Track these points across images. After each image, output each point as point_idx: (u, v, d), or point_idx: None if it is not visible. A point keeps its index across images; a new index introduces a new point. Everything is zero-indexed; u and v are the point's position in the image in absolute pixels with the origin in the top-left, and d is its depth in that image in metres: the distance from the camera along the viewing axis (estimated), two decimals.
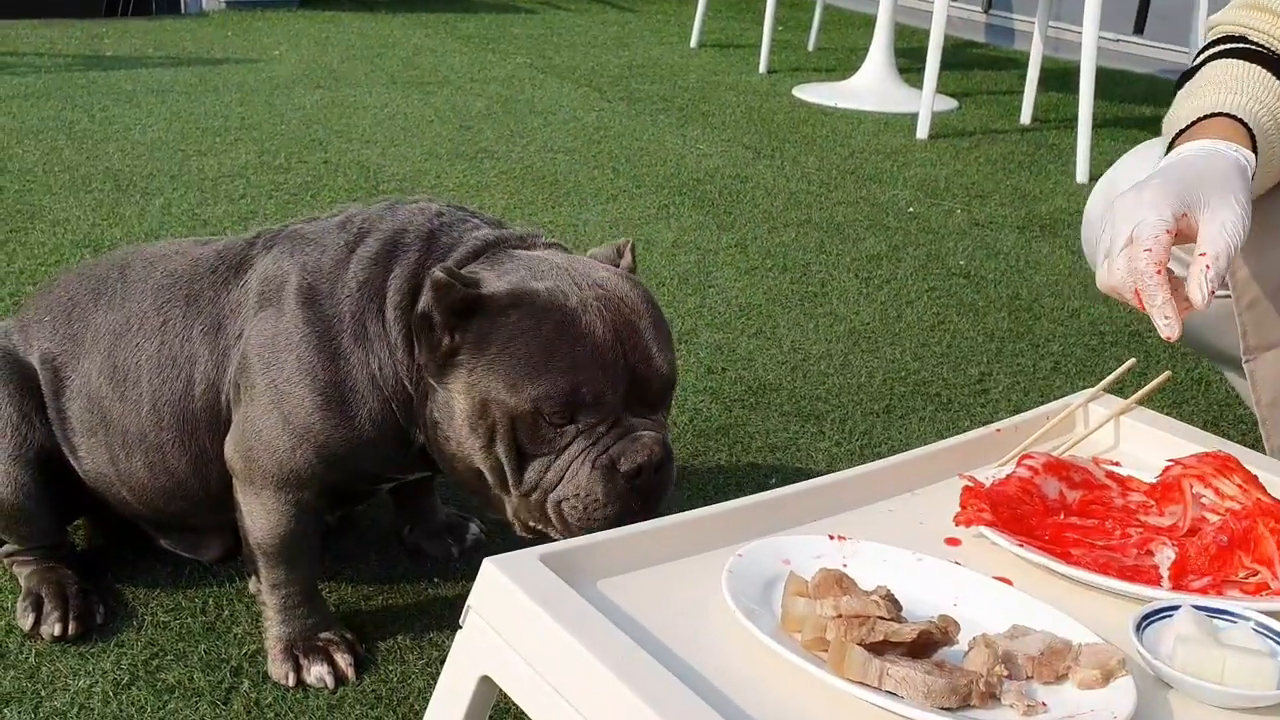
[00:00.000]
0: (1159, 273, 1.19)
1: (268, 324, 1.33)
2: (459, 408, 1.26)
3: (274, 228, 1.44)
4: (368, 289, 1.32)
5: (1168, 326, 1.18)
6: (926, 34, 4.10)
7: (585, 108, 4.26)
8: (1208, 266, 1.19)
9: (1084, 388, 1.48)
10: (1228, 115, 1.36)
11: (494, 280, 1.27)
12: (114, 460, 1.45)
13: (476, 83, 4.55)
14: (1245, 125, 1.35)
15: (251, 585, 1.48)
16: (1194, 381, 2.32)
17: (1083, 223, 1.78)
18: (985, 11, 6.08)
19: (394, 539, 1.67)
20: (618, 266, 1.36)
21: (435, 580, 1.61)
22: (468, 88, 4.46)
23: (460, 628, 1.02)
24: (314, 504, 1.38)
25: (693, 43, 5.53)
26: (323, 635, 1.42)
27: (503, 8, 6.25)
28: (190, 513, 1.48)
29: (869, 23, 4.94)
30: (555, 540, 1.18)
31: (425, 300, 1.25)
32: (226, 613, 1.51)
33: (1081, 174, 3.67)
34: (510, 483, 1.26)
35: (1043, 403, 1.50)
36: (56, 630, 1.43)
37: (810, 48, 5.61)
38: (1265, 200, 1.50)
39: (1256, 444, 1.61)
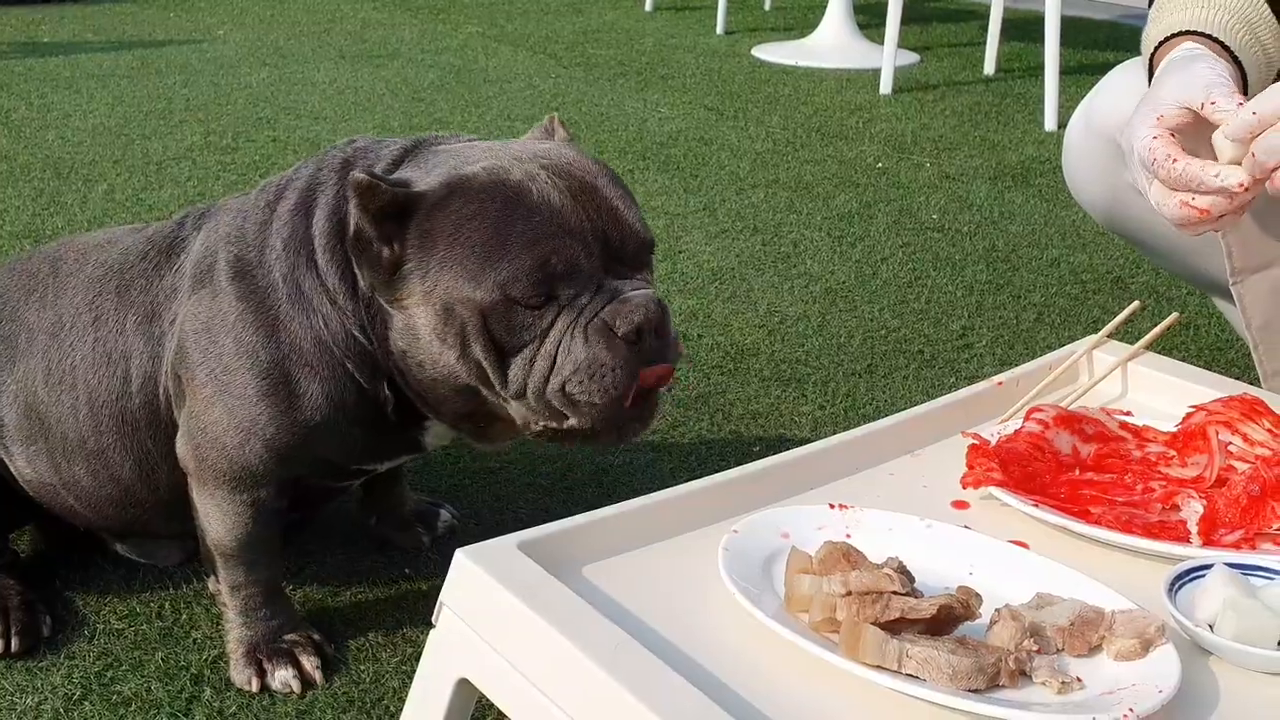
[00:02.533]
0: (1175, 160, 1.11)
1: (201, 306, 1.22)
2: (421, 322, 1.13)
3: (201, 206, 1.34)
4: (294, 244, 1.20)
5: (1230, 176, 1.07)
6: (878, 4, 4.02)
7: (541, 75, 4.15)
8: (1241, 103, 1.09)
9: (1070, 337, 1.41)
10: (1197, 33, 1.30)
11: (423, 177, 1.14)
12: (56, 468, 1.34)
13: (428, 54, 4.43)
14: (1217, 41, 1.29)
15: (211, 585, 1.38)
16: (1184, 326, 2.25)
17: (1063, 149, 1.71)
18: None
19: (360, 530, 1.58)
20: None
21: (407, 572, 1.51)
22: (419, 59, 4.34)
23: (433, 626, 0.93)
24: (273, 503, 1.28)
25: (648, 6, 5.42)
26: (288, 637, 1.33)
27: None
28: (143, 520, 1.38)
29: None
30: (577, 427, 1.10)
31: (353, 216, 1.12)
32: (184, 616, 1.42)
33: (1050, 122, 3.60)
34: (499, 383, 1.12)
35: (1028, 355, 1.44)
36: None
37: (767, 7, 5.51)
38: None
39: (1255, 383, 1.55)
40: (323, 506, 1.50)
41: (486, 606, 0.89)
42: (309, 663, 1.31)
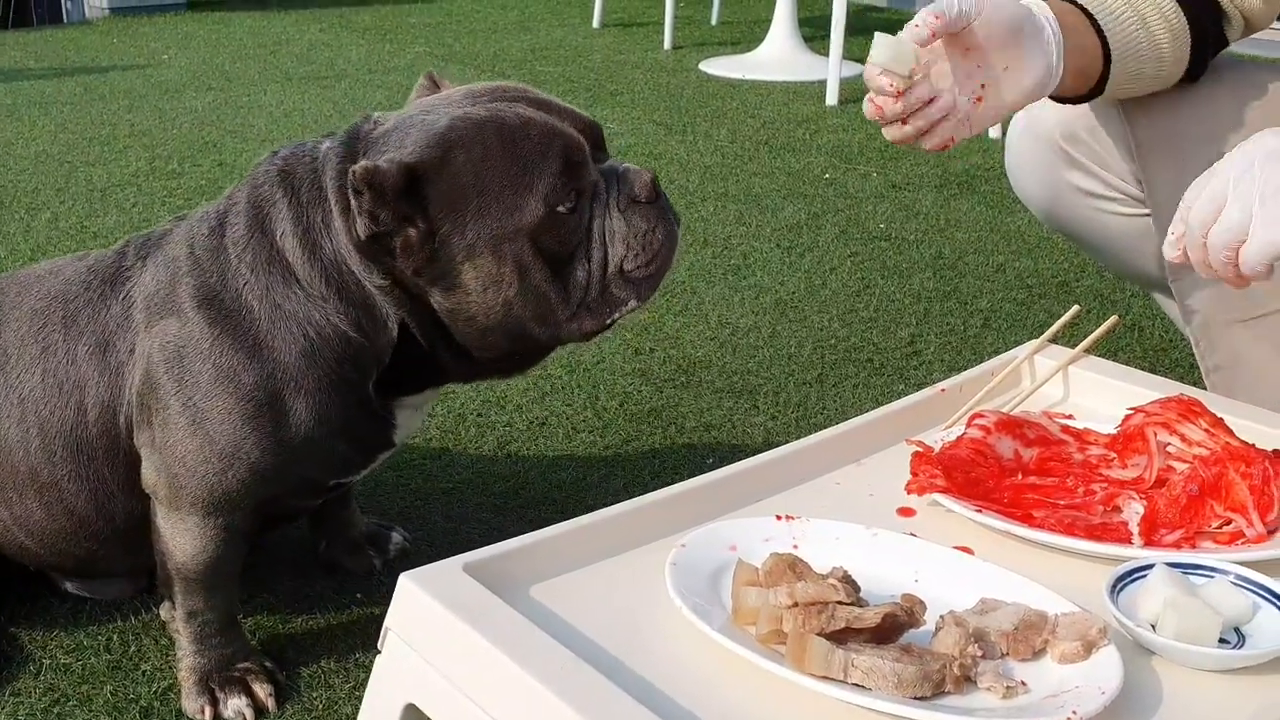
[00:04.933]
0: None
1: (168, 336, 1.21)
2: (471, 278, 1.13)
3: (140, 235, 1.32)
4: (261, 266, 1.19)
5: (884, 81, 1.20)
6: (826, 3, 4.05)
7: None
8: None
9: (1016, 342, 1.42)
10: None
11: (402, 151, 1.14)
12: (7, 504, 1.32)
13: (375, 74, 4.42)
14: (1083, 9, 1.35)
15: (164, 612, 1.36)
16: (1128, 328, 2.28)
17: (1005, 149, 1.75)
18: None
19: (310, 556, 1.57)
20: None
21: (358, 596, 1.50)
22: (367, 80, 4.32)
23: (379, 652, 0.93)
24: (245, 526, 1.27)
25: (595, 23, 5.43)
26: (240, 665, 1.32)
27: None
28: (98, 554, 1.36)
29: None
30: (624, 314, 1.16)
31: (362, 213, 1.11)
32: (133, 649, 1.40)
33: (994, 130, 3.63)
34: (559, 303, 1.15)
35: (975, 361, 1.45)
36: None
37: (713, 22, 5.54)
38: (1180, 119, 1.48)
39: (1198, 382, 1.57)
40: (281, 527, 1.49)
41: (432, 630, 0.89)
42: (262, 690, 1.30)
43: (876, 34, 1.21)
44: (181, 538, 1.25)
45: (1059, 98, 1.46)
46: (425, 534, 1.62)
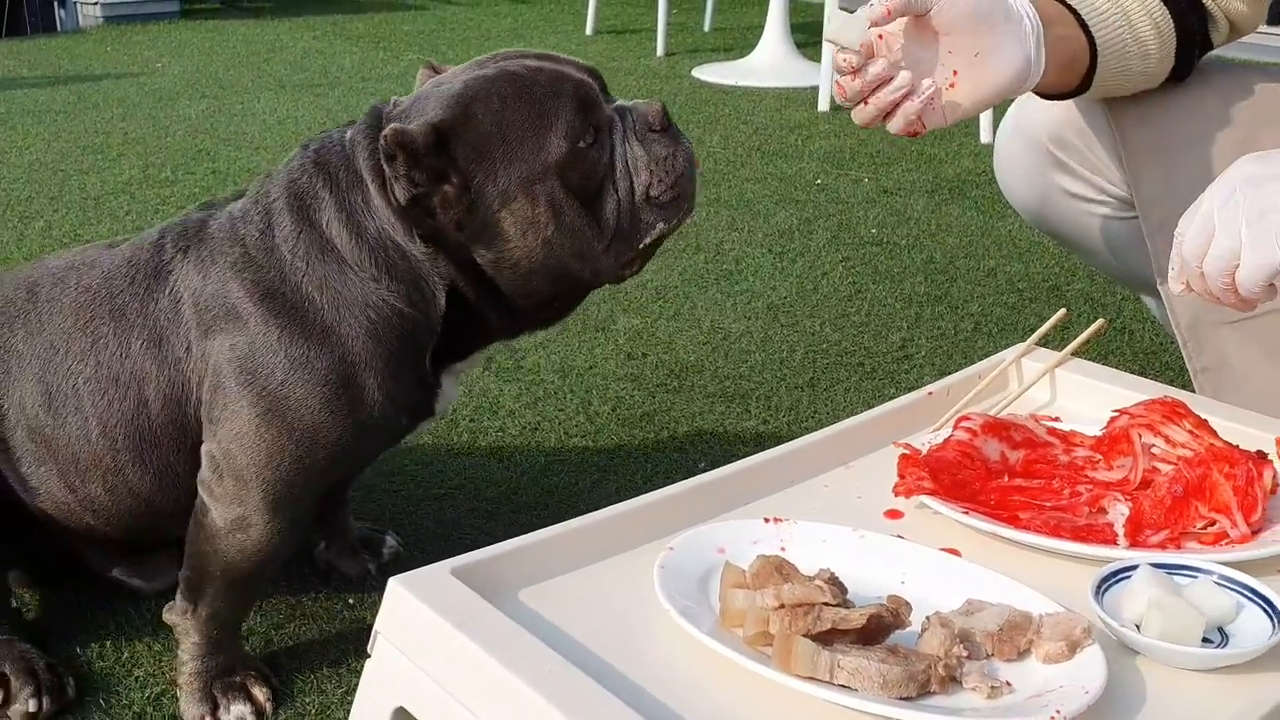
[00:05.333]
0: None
1: (236, 339, 1.23)
2: (510, 224, 1.18)
3: (174, 224, 1.33)
4: (316, 256, 1.22)
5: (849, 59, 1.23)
6: (819, 9, 4.07)
7: None
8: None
9: (1007, 346, 1.42)
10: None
11: (425, 115, 1.18)
12: (70, 488, 1.33)
13: (369, 82, 4.43)
14: (1067, 5, 1.37)
15: (172, 615, 1.35)
16: (1118, 331, 2.29)
17: (994, 153, 1.76)
18: None
19: (305, 560, 1.57)
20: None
21: (351, 602, 1.51)
22: (360, 88, 4.33)
23: (369, 656, 0.93)
24: (306, 518, 1.30)
25: (588, 30, 5.44)
26: (240, 671, 1.32)
27: (392, 6, 6.11)
28: (161, 528, 1.37)
29: (761, 1, 4.89)
30: (655, 236, 1.21)
31: (399, 178, 1.15)
32: (126, 655, 1.40)
33: (985, 135, 3.65)
34: (595, 237, 1.20)
35: (966, 364, 1.45)
36: (30, 707, 1.30)
37: (706, 29, 5.55)
38: (1167, 122, 1.49)
39: (1188, 385, 1.58)
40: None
41: (421, 634, 0.89)
42: (261, 694, 1.30)
43: (833, 13, 1.22)
44: (241, 535, 1.25)
45: (1046, 94, 1.47)
46: (418, 539, 1.63)
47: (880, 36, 1.24)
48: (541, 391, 2.06)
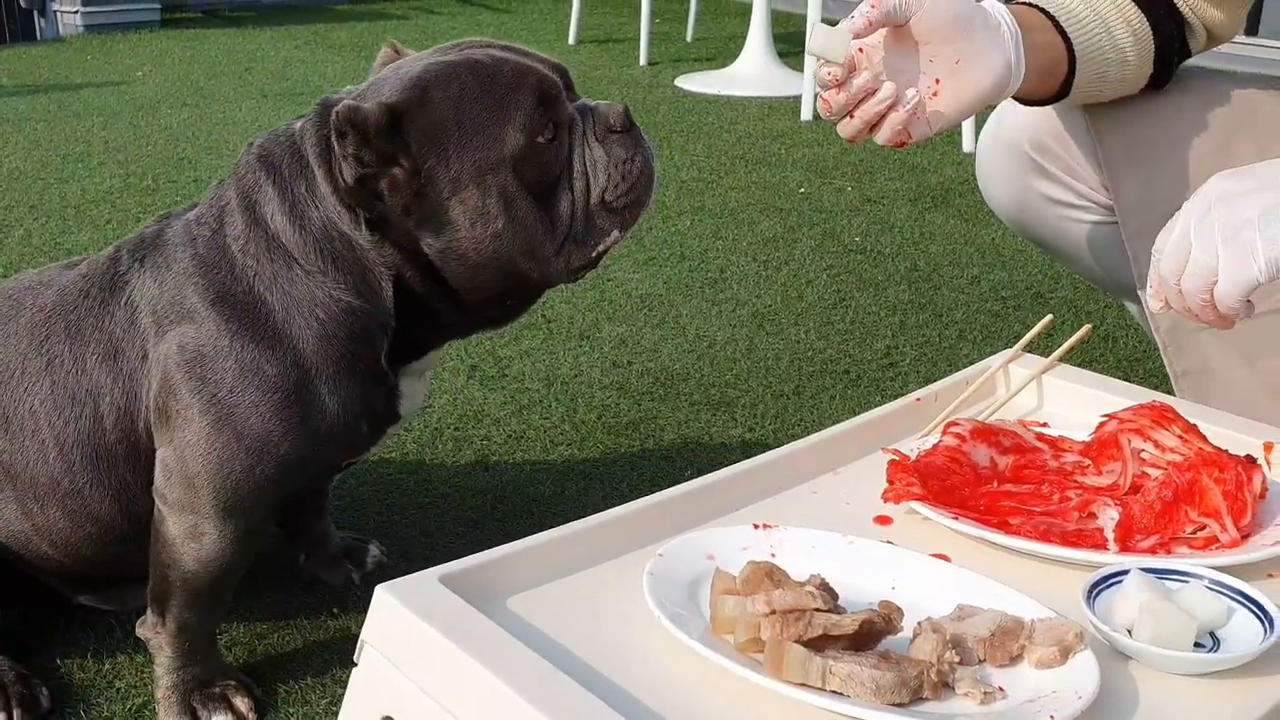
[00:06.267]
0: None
1: (186, 339, 1.21)
2: (458, 213, 1.15)
3: (129, 238, 1.31)
4: (264, 254, 1.20)
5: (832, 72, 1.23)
6: (801, 19, 4.07)
7: None
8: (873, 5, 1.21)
9: (991, 353, 1.42)
10: (1029, 4, 1.39)
11: (380, 97, 1.15)
12: (28, 515, 1.31)
13: None
14: (1045, 12, 1.38)
15: (143, 629, 1.34)
16: (1101, 338, 2.29)
17: (976, 159, 1.77)
18: None
19: (287, 570, 1.56)
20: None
21: (335, 611, 1.49)
22: None
23: (355, 665, 0.92)
24: (260, 528, 1.27)
25: (571, 39, 5.44)
26: (220, 681, 1.31)
27: (374, 15, 6.10)
28: (124, 556, 1.34)
29: (744, 11, 4.91)
30: (609, 245, 1.19)
31: (347, 156, 1.12)
32: (107, 666, 1.38)
33: (968, 143, 3.66)
34: (546, 236, 1.18)
35: (952, 372, 1.45)
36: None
37: (689, 38, 5.55)
38: (1146, 128, 1.50)
39: (1171, 392, 1.58)
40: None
41: (409, 642, 0.89)
42: (243, 704, 1.29)
43: (815, 26, 1.22)
44: (195, 544, 1.23)
45: (1026, 100, 1.47)
46: (402, 548, 1.62)
47: (861, 49, 1.24)
48: (526, 400, 2.05)
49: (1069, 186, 1.62)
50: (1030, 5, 1.40)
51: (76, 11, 5.49)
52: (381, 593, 0.91)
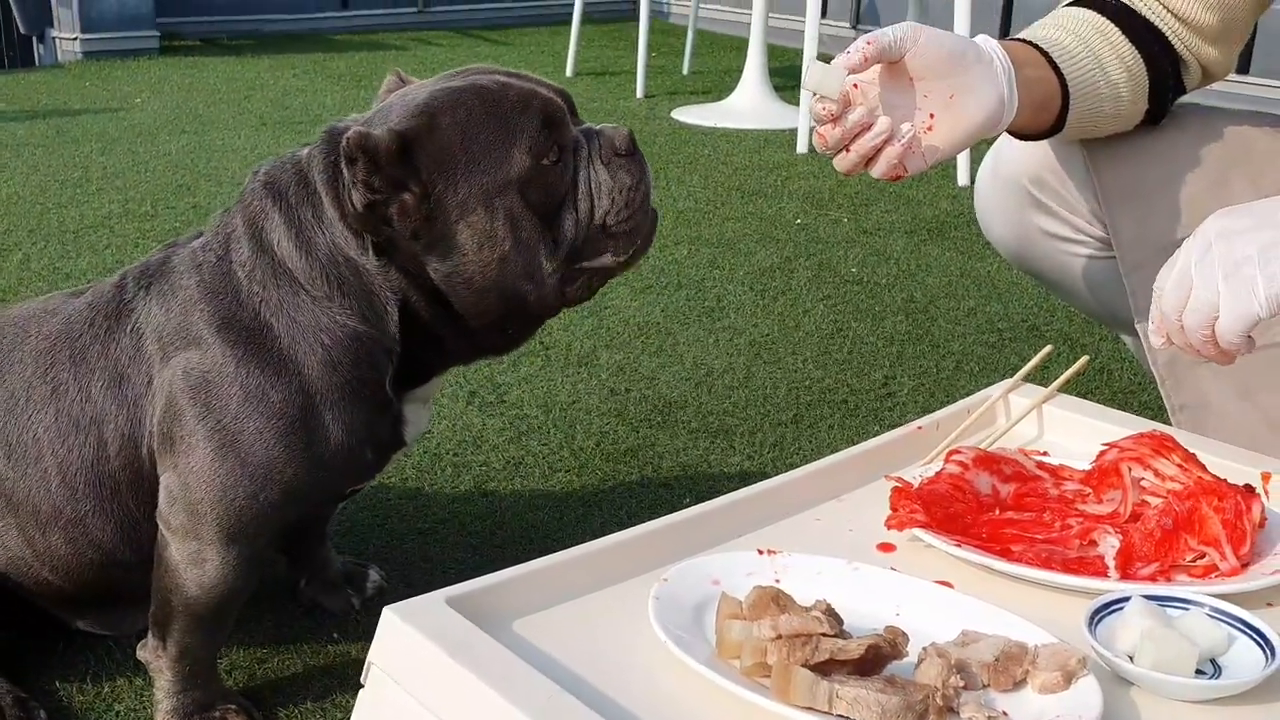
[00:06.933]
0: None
1: (191, 365, 1.21)
2: (467, 237, 1.17)
3: (134, 266, 1.32)
4: (270, 281, 1.21)
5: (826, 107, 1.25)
6: (796, 53, 4.11)
7: None
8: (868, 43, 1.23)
9: (988, 384, 1.44)
10: (1023, 40, 1.41)
11: (386, 124, 1.17)
12: (30, 542, 1.31)
13: None
14: (1038, 49, 1.40)
15: (144, 653, 1.34)
16: (1097, 370, 2.31)
17: (975, 193, 1.79)
18: (853, 28, 6.15)
19: (287, 595, 1.56)
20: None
21: (335, 636, 1.49)
22: None
23: (362, 687, 0.92)
24: (263, 554, 1.28)
25: (568, 71, 5.47)
26: (220, 705, 1.31)
27: (373, 46, 6.13)
28: (123, 580, 1.35)
29: (739, 45, 4.95)
30: (604, 267, 1.21)
31: (357, 183, 1.14)
32: (107, 689, 1.38)
33: (963, 177, 3.68)
34: (548, 256, 1.19)
35: (949, 402, 1.47)
36: None
37: (685, 71, 5.59)
38: (1143, 164, 1.51)
39: (1166, 424, 1.59)
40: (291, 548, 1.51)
41: (416, 664, 0.89)
42: None
43: (810, 63, 1.24)
44: (198, 569, 1.23)
45: (1021, 135, 1.49)
46: (402, 573, 1.62)
47: (856, 85, 1.26)
48: (525, 426, 2.05)
49: (1067, 221, 1.64)
50: (1024, 41, 1.42)
51: (75, 38, 5.52)
52: (389, 614, 0.91)
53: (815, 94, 1.25)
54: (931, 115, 1.28)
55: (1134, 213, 1.53)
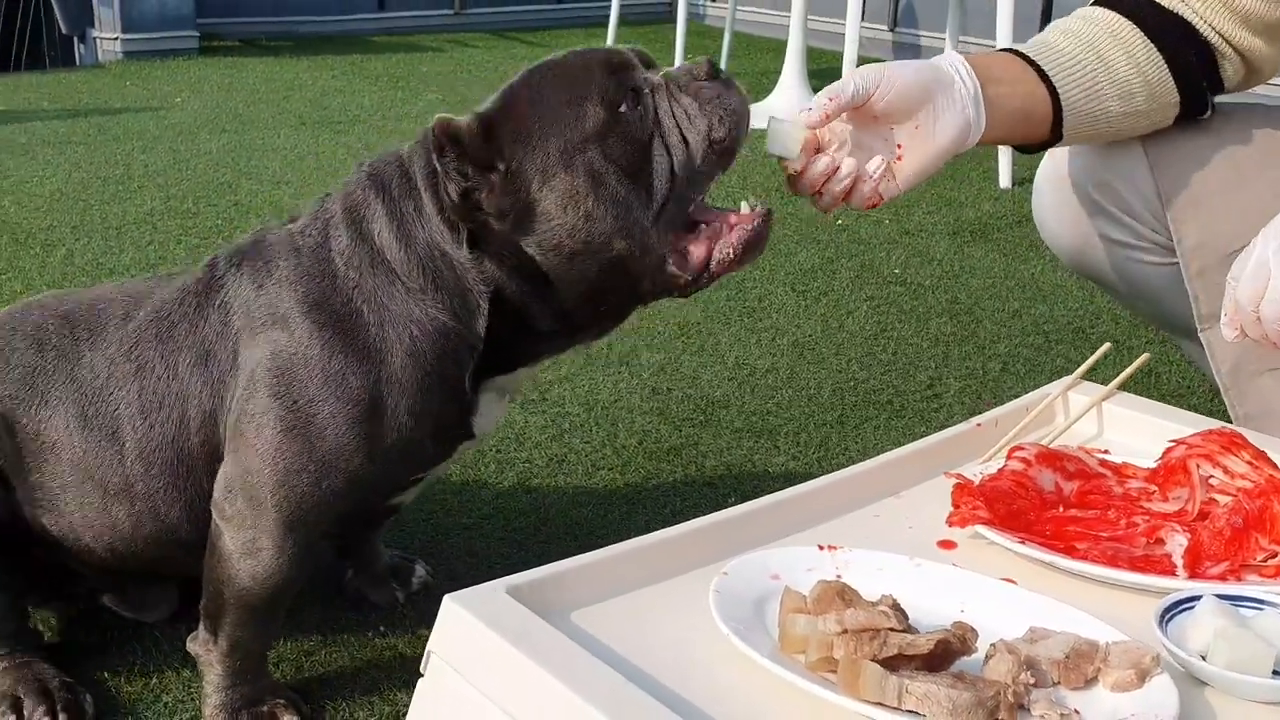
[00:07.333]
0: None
1: (279, 345, 1.21)
2: (551, 202, 1.16)
3: (225, 250, 1.32)
4: (366, 268, 1.21)
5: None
6: (834, 55, 4.09)
7: None
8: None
9: (1035, 386, 1.42)
10: (1012, 51, 1.43)
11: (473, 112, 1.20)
12: (87, 512, 1.31)
13: (389, 120, 4.44)
14: (1021, 56, 1.42)
15: (194, 645, 1.33)
16: (1144, 374, 2.27)
17: (1033, 194, 1.77)
18: (890, 29, 6.12)
19: (334, 588, 1.55)
20: None
21: (382, 629, 1.49)
22: (380, 125, 4.35)
23: (421, 676, 0.92)
24: (319, 544, 1.27)
25: None
26: (269, 700, 1.30)
27: (410, 47, 6.15)
28: (173, 560, 1.35)
29: (776, 47, 4.93)
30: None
31: (450, 173, 1.15)
32: (155, 680, 1.38)
33: (1005, 179, 3.65)
34: (639, 208, 1.16)
35: (996, 404, 1.45)
36: None
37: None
38: (1204, 168, 1.49)
39: None
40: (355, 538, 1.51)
41: (477, 652, 0.88)
42: None
43: (770, 120, 1.25)
44: (252, 560, 1.23)
45: (1022, 147, 1.48)
46: (447, 568, 1.61)
47: (815, 134, 1.28)
48: (567, 424, 2.04)
49: (1129, 227, 1.61)
50: (1013, 52, 1.42)
51: (116, 38, 5.56)
52: (449, 602, 0.90)
53: (776, 158, 1.27)
54: (900, 146, 1.32)
55: (1198, 217, 1.51)
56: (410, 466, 1.28)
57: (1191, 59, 1.46)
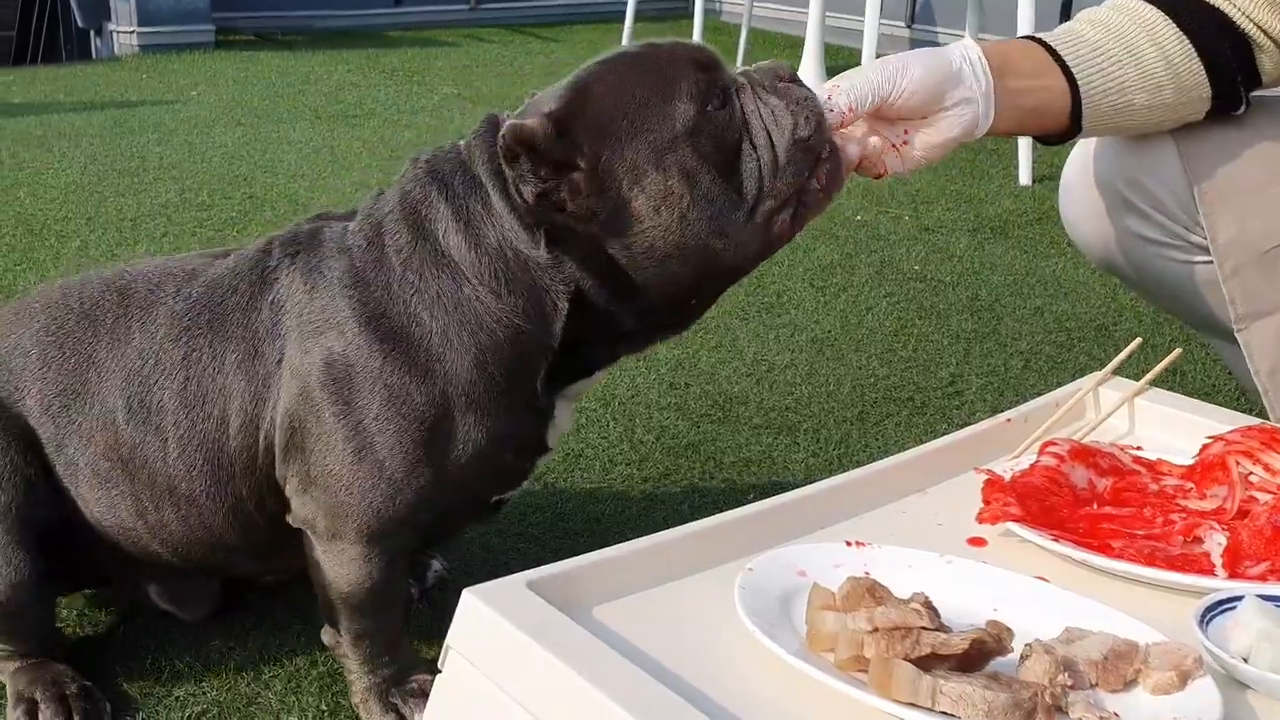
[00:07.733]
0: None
1: (334, 355, 1.16)
2: (642, 203, 1.10)
3: (282, 232, 1.27)
4: (430, 272, 1.15)
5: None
6: (851, 52, 4.06)
7: None
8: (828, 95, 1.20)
9: (1058, 383, 1.39)
10: (1033, 39, 1.40)
11: (542, 108, 1.13)
12: (142, 513, 1.27)
13: (404, 114, 4.42)
14: (1045, 45, 1.39)
15: (327, 638, 1.34)
16: (1170, 372, 2.24)
17: (1060, 191, 1.74)
18: (909, 26, 6.08)
19: None
20: None
21: None
22: (395, 119, 4.33)
23: (439, 671, 0.89)
24: (408, 547, 1.24)
25: None
26: (415, 675, 1.28)
27: (425, 42, 6.13)
28: (228, 563, 1.33)
29: (793, 44, 4.90)
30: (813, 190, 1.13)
31: (525, 178, 1.10)
32: (166, 674, 1.36)
33: (1025, 176, 3.62)
34: (732, 207, 1.12)
35: (1019, 401, 1.42)
36: None
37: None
38: (1239, 164, 1.46)
39: None
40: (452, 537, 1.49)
41: (497, 647, 0.86)
42: None
43: None
44: (345, 569, 1.21)
45: (1044, 139, 1.45)
46: (463, 564, 1.59)
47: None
48: (584, 419, 2.02)
49: (1161, 225, 1.58)
50: (1034, 40, 1.39)
51: (132, 32, 5.56)
52: (469, 596, 0.88)
53: None
54: (906, 132, 1.29)
55: (1232, 215, 1.48)
56: (489, 480, 1.23)
57: (1226, 51, 1.42)
